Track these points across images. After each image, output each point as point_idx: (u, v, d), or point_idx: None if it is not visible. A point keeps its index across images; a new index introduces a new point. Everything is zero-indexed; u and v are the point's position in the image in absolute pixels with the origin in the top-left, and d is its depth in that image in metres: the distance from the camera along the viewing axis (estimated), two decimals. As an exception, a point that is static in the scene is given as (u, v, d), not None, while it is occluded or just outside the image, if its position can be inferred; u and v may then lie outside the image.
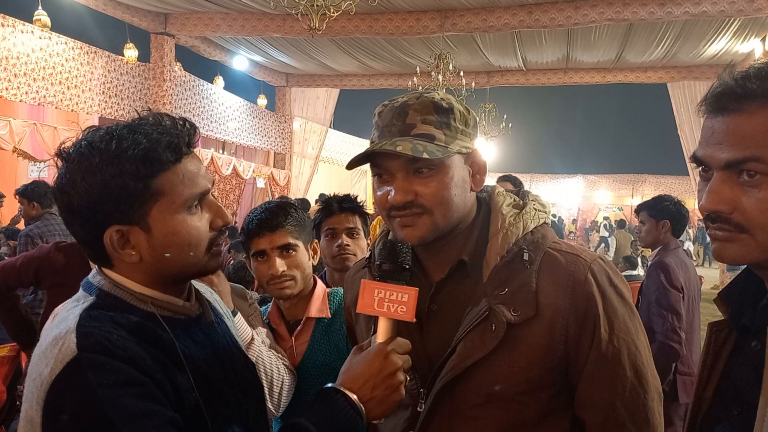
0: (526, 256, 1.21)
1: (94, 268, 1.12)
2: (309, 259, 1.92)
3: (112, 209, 1.03)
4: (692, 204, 23.41)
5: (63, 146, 1.08)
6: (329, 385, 1.11)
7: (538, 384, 1.19)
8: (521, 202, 1.32)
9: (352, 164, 1.24)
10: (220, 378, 1.13)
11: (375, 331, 1.17)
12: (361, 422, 1.08)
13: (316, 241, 2.05)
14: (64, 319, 1.03)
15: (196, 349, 1.10)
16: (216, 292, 1.43)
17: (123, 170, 1.02)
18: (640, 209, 3.81)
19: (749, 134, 0.87)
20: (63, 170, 1.06)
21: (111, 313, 1.04)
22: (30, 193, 5.10)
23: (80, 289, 1.11)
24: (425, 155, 1.13)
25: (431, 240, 1.22)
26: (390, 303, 1.14)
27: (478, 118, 1.31)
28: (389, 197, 1.20)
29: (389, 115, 1.21)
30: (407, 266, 1.23)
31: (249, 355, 1.40)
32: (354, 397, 1.07)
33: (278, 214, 1.87)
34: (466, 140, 1.23)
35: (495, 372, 1.18)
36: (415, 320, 1.16)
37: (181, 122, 1.10)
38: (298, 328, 1.90)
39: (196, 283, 1.26)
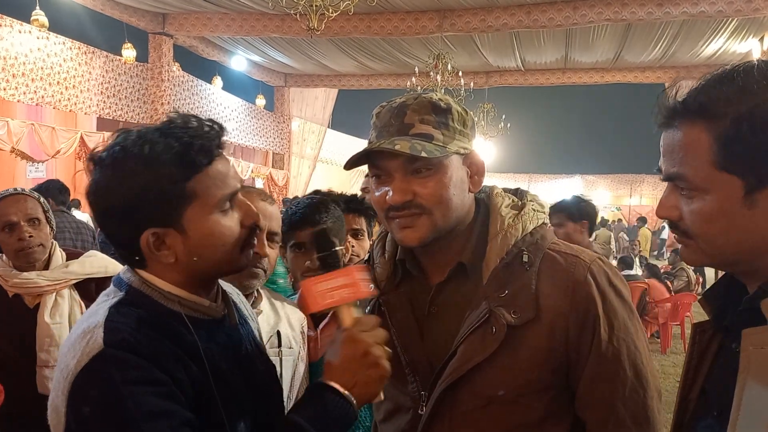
0: (525, 258, 1.20)
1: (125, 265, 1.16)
2: (342, 256, 1.96)
3: (147, 213, 1.06)
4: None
5: (95, 151, 1.10)
6: (317, 381, 1.13)
7: (540, 385, 1.19)
8: (520, 202, 1.31)
9: (350, 164, 1.22)
10: (238, 380, 1.15)
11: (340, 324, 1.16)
12: (352, 410, 1.09)
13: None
14: (93, 313, 1.06)
15: (217, 350, 1.12)
16: None
17: (158, 174, 1.04)
18: (555, 210, 3.60)
19: (675, 150, 0.92)
20: (98, 175, 1.08)
21: (138, 310, 1.07)
22: (44, 191, 5.12)
23: (111, 284, 1.14)
24: (424, 154, 1.12)
25: (430, 241, 1.20)
26: (335, 291, 1.12)
27: (476, 119, 1.32)
28: (387, 197, 1.19)
29: (387, 115, 1.21)
30: (336, 246, 1.20)
31: None
32: (339, 387, 1.09)
33: (321, 209, 1.91)
34: (464, 141, 1.22)
35: (496, 374, 1.17)
36: (373, 293, 1.17)
37: (209, 124, 1.11)
38: (325, 321, 1.93)
39: (224, 284, 1.29)
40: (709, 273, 14.31)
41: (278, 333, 1.73)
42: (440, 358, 1.21)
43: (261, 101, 13.68)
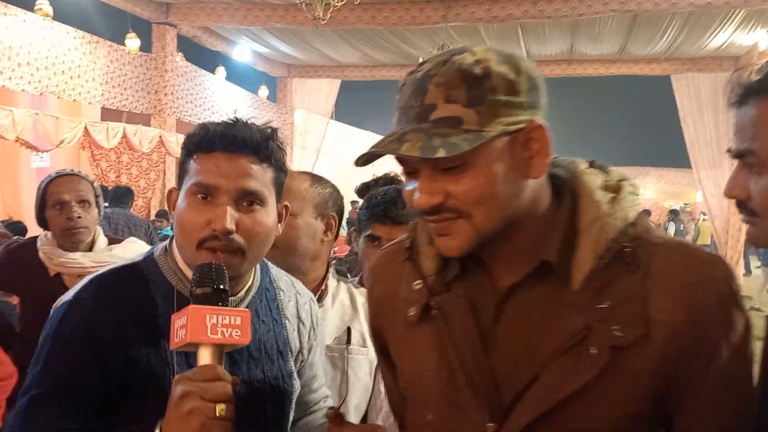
0: (630, 257, 0.94)
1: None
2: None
3: (181, 172, 1.23)
4: (693, 197, 23.30)
5: None
6: None
7: (638, 418, 0.94)
8: (613, 181, 1.02)
9: (361, 163, 0.98)
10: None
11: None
12: None
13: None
14: (103, 269, 1.25)
15: None
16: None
17: (186, 143, 1.22)
18: None
19: (747, 127, 0.93)
20: None
21: (133, 278, 1.21)
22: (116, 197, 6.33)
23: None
24: (440, 153, 0.86)
25: (476, 247, 0.96)
26: (224, 328, 1.02)
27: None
28: (414, 198, 0.95)
29: (408, 90, 0.94)
30: (225, 288, 1.07)
31: None
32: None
33: (405, 207, 1.79)
34: (515, 114, 0.91)
35: (589, 406, 0.92)
36: (245, 343, 1.03)
37: (252, 128, 1.22)
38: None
39: (283, 279, 1.39)
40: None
41: (348, 329, 1.66)
42: (512, 382, 0.96)
43: (264, 92, 13.63)
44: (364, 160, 0.96)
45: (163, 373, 1.13)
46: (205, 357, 1.01)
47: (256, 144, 1.19)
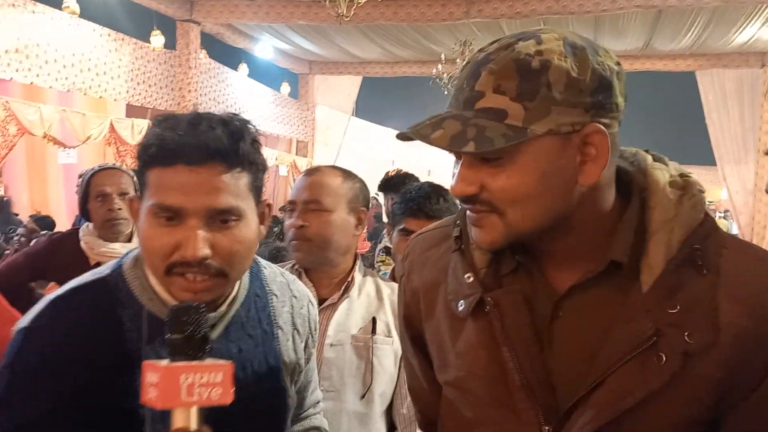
0: (701, 259, 0.89)
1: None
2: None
3: (139, 182, 1.06)
4: (717, 195, 22.90)
5: None
6: None
7: (695, 423, 0.90)
8: (677, 177, 0.96)
9: (401, 139, 0.93)
10: None
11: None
12: None
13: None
14: (64, 288, 1.08)
15: None
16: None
17: (140, 150, 1.03)
18: None
19: None
20: None
21: (97, 297, 1.05)
22: None
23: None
24: (469, 148, 0.82)
25: (507, 245, 0.92)
26: (202, 387, 0.87)
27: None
28: (451, 183, 0.92)
29: (466, 72, 0.89)
30: (205, 334, 0.91)
31: None
32: None
33: (439, 200, 1.88)
34: (572, 114, 0.84)
35: (654, 413, 0.88)
36: (226, 403, 0.89)
37: (226, 130, 0.99)
38: None
39: (274, 281, 1.24)
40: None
41: (374, 320, 1.71)
42: (570, 383, 0.91)
43: (286, 89, 13.71)
44: (402, 138, 0.91)
45: (131, 407, 0.98)
46: (180, 419, 0.88)
47: (225, 150, 0.98)
